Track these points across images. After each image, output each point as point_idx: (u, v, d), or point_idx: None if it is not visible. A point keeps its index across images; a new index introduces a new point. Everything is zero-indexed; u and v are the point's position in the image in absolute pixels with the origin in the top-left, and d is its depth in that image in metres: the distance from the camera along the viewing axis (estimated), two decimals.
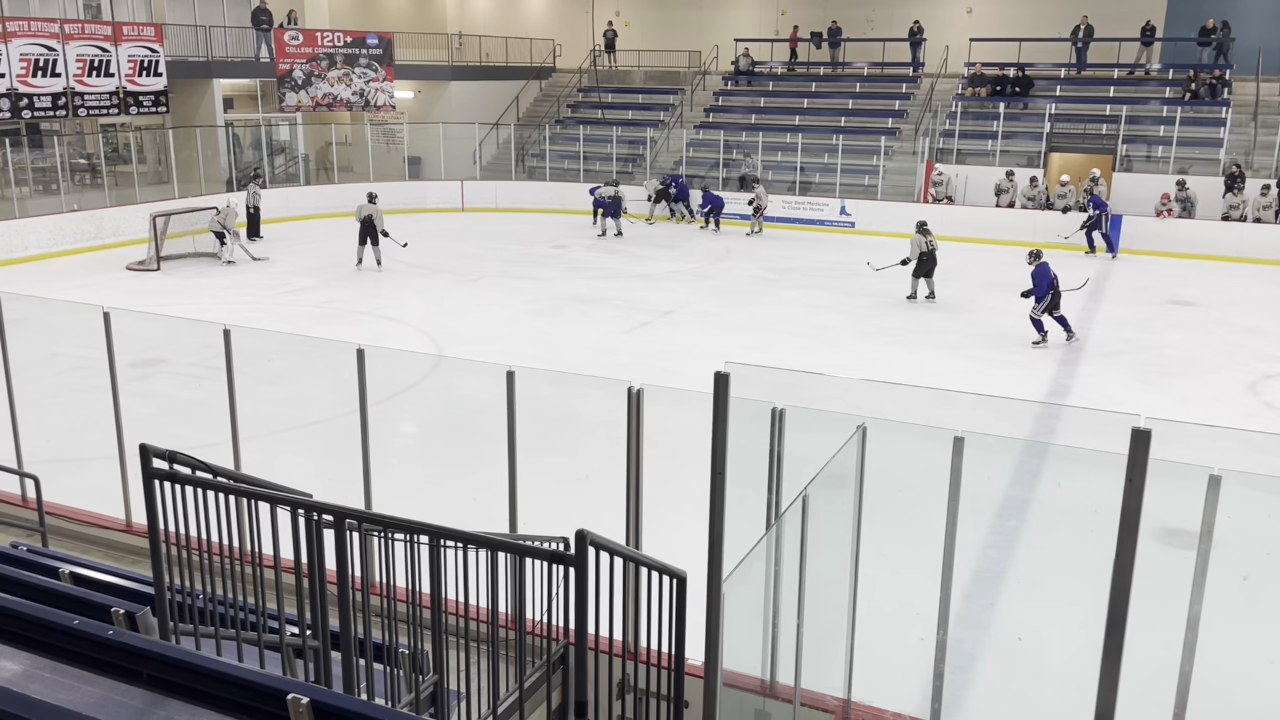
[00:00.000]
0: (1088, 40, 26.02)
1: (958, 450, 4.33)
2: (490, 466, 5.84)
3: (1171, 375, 12.50)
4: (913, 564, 5.56)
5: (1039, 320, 13.76)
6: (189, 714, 2.48)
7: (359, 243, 18.43)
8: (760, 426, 4.77)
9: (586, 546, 3.16)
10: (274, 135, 27.12)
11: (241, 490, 3.46)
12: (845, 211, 23.50)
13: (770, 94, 28.50)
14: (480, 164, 28.01)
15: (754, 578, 4.03)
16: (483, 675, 4.08)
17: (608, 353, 13.12)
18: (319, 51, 25.62)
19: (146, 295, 16.04)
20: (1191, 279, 18.46)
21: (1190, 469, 4.03)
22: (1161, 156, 22.80)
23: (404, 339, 13.70)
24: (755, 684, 4.63)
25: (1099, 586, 3.48)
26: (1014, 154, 23.96)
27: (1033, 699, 5.92)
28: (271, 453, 9.07)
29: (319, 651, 3.51)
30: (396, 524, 3.29)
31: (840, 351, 13.29)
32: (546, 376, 10.04)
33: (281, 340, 11.90)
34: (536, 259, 19.98)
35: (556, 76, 31.72)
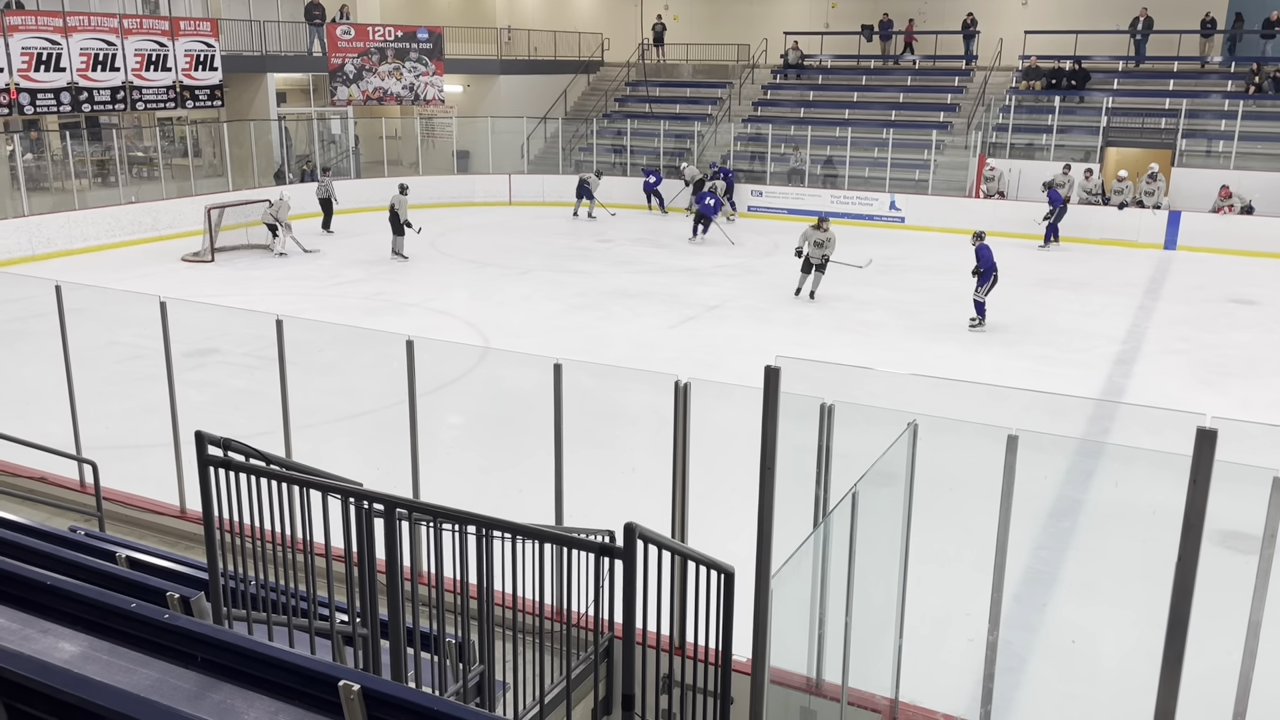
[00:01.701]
0: (1147, 33, 25.45)
1: (1011, 449, 4.25)
2: (536, 458, 5.86)
3: (1232, 376, 12.20)
4: (963, 564, 5.49)
5: (981, 303, 13.92)
6: (242, 698, 2.51)
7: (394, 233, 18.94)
8: (809, 423, 4.73)
9: (635, 539, 3.15)
10: (329, 129, 27.48)
11: (294, 478, 3.50)
12: (895, 206, 23.24)
13: (819, 87, 28.26)
14: (528, 158, 28.12)
15: (802, 574, 3.99)
16: (528, 667, 4.09)
17: (653, 347, 13.10)
18: (370, 46, 25.87)
19: (201, 286, 16.33)
20: (1253, 277, 17.99)
21: (1254, 471, 3.92)
22: (1222, 151, 22.25)
23: (451, 331, 13.80)
24: (801, 681, 4.59)
25: (1156, 590, 3.40)
26: (1069, 149, 23.52)
27: (1086, 703, 5.81)
28: (321, 442, 9.18)
29: (368, 639, 3.54)
30: (445, 514, 3.30)
31: (889, 348, 13.14)
32: (592, 369, 10.04)
33: (332, 331, 12.06)
34: (583, 253, 20.01)
35: (604, 70, 31.74)
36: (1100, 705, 5.70)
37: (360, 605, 3.58)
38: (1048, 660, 6.28)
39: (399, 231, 18.80)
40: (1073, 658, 6.31)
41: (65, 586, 2.63)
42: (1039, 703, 5.73)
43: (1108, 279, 17.73)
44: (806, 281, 15.84)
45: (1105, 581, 7.17)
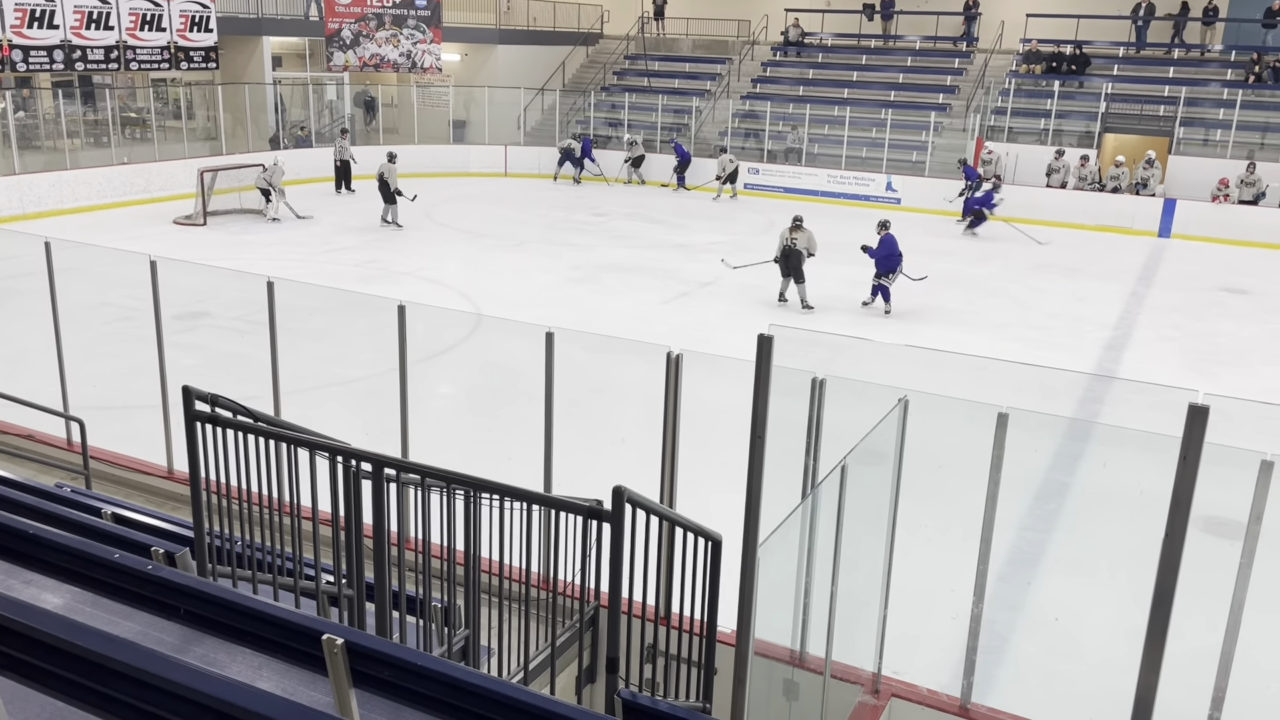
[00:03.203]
0: (1148, 19, 25.35)
1: (1001, 426, 4.26)
2: (526, 428, 5.85)
3: (1222, 364, 12.24)
4: (949, 540, 5.51)
5: (880, 286, 13.87)
6: (225, 651, 2.50)
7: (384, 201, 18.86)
8: (800, 399, 4.72)
9: (623, 503, 3.14)
10: (324, 93, 27.24)
11: (281, 435, 3.48)
12: (892, 188, 23.18)
13: (819, 66, 28.10)
14: (525, 129, 27.94)
15: (788, 547, 3.99)
16: (513, 632, 4.09)
17: (646, 322, 13.08)
18: (368, 11, 25.61)
19: (192, 249, 16.22)
20: (1247, 266, 18.02)
21: (1241, 454, 3.93)
22: (1219, 140, 22.22)
23: (444, 301, 13.74)
24: (785, 653, 4.61)
25: (1140, 570, 3.41)
26: (1067, 133, 23.46)
27: (1067, 680, 5.86)
28: (312, 408, 9.15)
29: (353, 600, 3.53)
30: (434, 474, 3.29)
31: (882, 328, 13.14)
32: (584, 341, 10.03)
33: (323, 296, 12.00)
34: (578, 226, 19.93)
35: (604, 43, 31.50)
36: (1082, 682, 5.74)
37: (346, 567, 3.58)
38: (1030, 638, 6.32)
39: (389, 199, 18.70)
40: (1055, 636, 6.36)
41: (48, 537, 2.62)
42: (1021, 679, 5.77)
43: (1101, 265, 17.74)
44: (790, 287, 14.27)
45: (1089, 561, 7.22)
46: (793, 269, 13.96)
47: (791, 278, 14.06)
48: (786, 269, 14.07)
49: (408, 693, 2.18)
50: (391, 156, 19.04)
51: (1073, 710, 4.84)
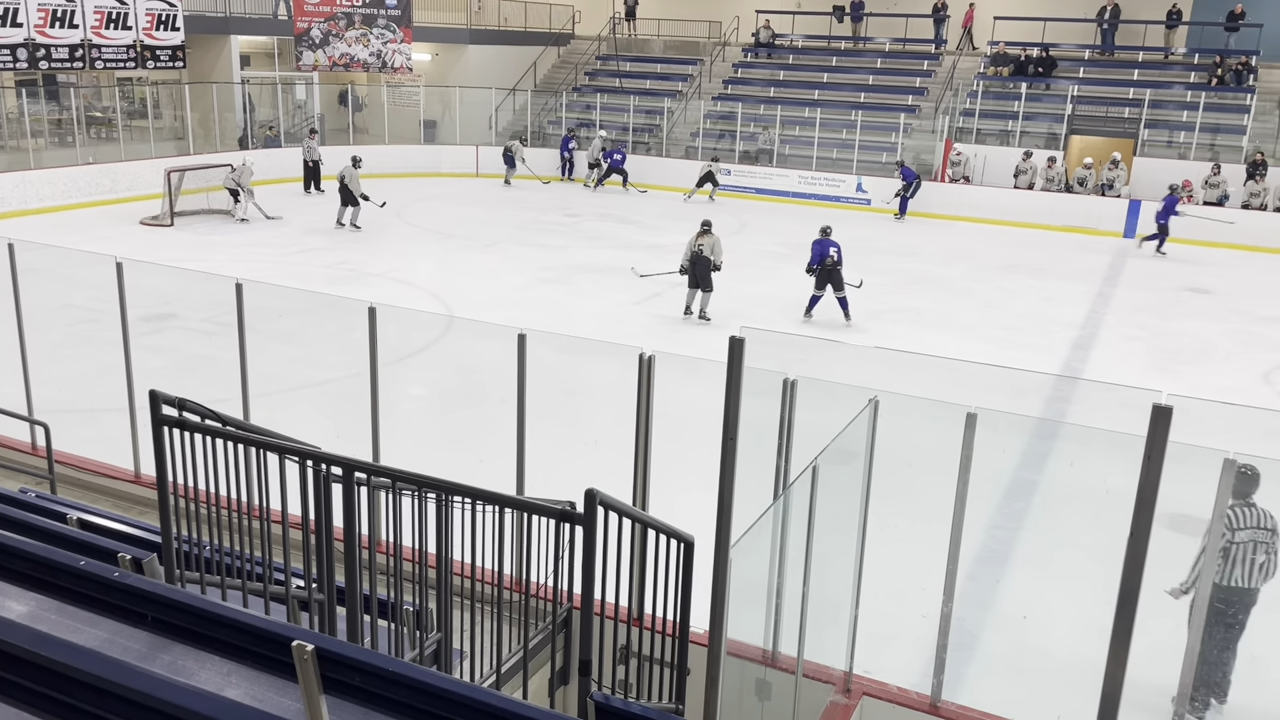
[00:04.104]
0: (1114, 22, 25.68)
1: (970, 426, 4.30)
2: (498, 431, 5.83)
3: (1185, 363, 12.42)
4: (919, 540, 5.55)
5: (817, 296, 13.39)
6: (193, 658, 2.48)
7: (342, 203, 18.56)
8: (772, 399, 4.75)
9: (596, 505, 3.14)
10: (292, 93, 27.02)
11: (250, 439, 3.45)
12: (862, 189, 23.32)
13: (790, 67, 28.23)
14: (496, 129, 27.85)
15: (760, 547, 4.01)
16: (486, 635, 4.08)
17: (619, 322, 13.08)
18: (337, 10, 25.43)
19: (159, 250, 16.03)
20: (1210, 267, 18.29)
21: (1205, 452, 4.00)
22: (1183, 142, 22.55)
23: (415, 302, 13.67)
24: (758, 653, 4.63)
25: (1107, 567, 3.46)
26: (1034, 135, 23.72)
27: (1035, 676, 5.92)
28: (281, 410, 9.06)
29: (324, 605, 3.51)
30: (404, 477, 3.28)
31: (854, 330, 13.22)
32: (557, 342, 10.01)
33: (293, 298, 11.90)
34: (550, 227, 19.89)
35: (575, 43, 31.47)
36: (1050, 679, 5.81)
37: (317, 571, 3.55)
38: (1000, 635, 6.39)
39: (348, 202, 18.34)
40: (1024, 633, 6.42)
41: (12, 544, 2.58)
42: (991, 676, 5.83)
43: (1068, 265, 17.95)
44: (695, 299, 13.29)
45: (1057, 559, 7.30)
46: (700, 277, 13.07)
47: (698, 287, 13.15)
48: (693, 278, 13.15)
49: (379, 699, 2.17)
50: (355, 161, 18.70)
51: (1041, 707, 4.89)
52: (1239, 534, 5.39)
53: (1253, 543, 5.38)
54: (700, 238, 13.19)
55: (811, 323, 13.45)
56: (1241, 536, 5.38)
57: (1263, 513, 5.42)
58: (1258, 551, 5.38)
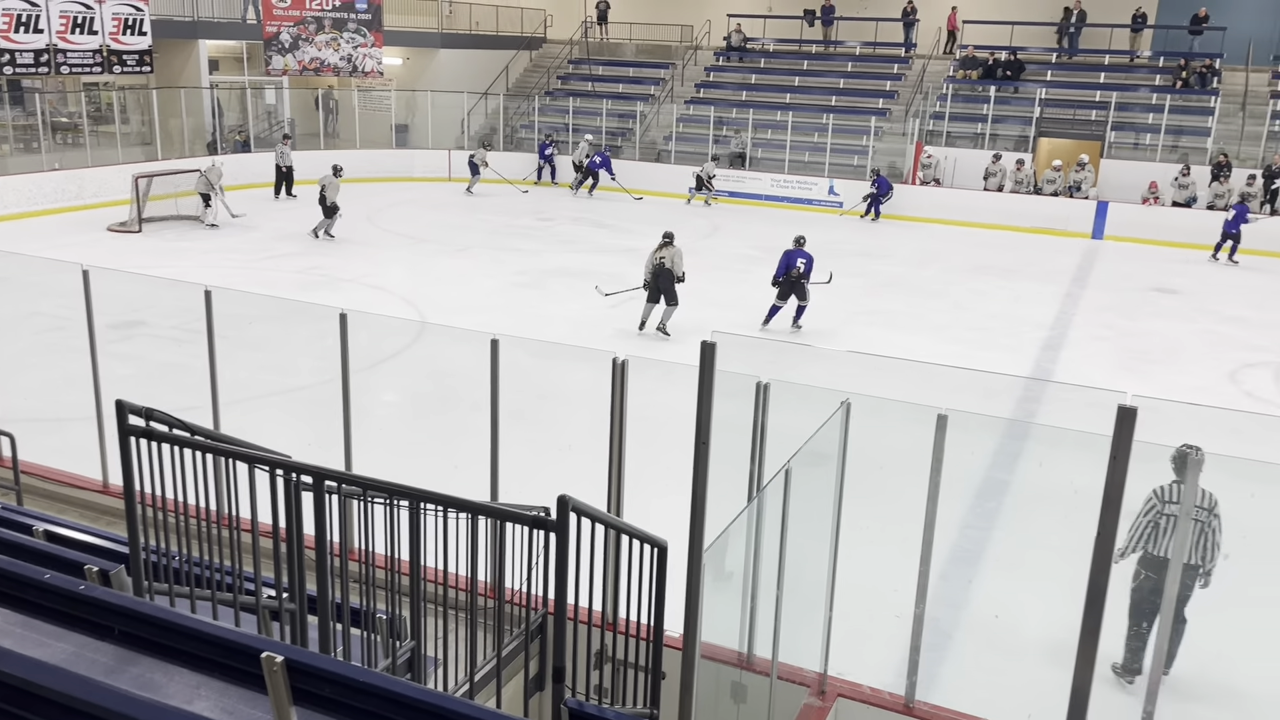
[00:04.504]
0: (1079, 26, 25.98)
1: (941, 428, 4.33)
2: (472, 436, 5.81)
3: (1153, 363, 12.57)
4: (892, 541, 5.58)
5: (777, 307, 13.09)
6: (162, 671, 2.45)
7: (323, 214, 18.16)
8: (745, 402, 4.76)
9: (568, 512, 3.14)
10: (261, 98, 26.82)
11: (219, 449, 3.42)
12: (834, 191, 23.45)
13: (762, 71, 28.35)
14: (468, 133, 27.78)
15: (734, 550, 4.02)
16: (461, 643, 4.07)
17: (593, 326, 13.07)
18: (307, 15, 25.28)
19: (127, 257, 15.85)
20: (1176, 267, 18.54)
21: (1171, 451, 4.05)
22: (1149, 144, 22.85)
23: (388, 308, 13.60)
24: (733, 656, 4.64)
25: (1077, 566, 3.50)
26: (1003, 138, 23.95)
27: (1007, 675, 5.97)
28: (251, 418, 8.99)
29: (295, 615, 3.48)
30: (376, 486, 3.26)
31: (826, 333, 13.28)
32: (531, 347, 10.00)
33: (263, 304, 11.80)
34: (523, 231, 19.86)
35: (547, 47, 31.44)
36: (1022, 677, 5.86)
37: (288, 580, 3.53)
38: (972, 635, 6.43)
39: (325, 213, 17.90)
40: (996, 632, 6.48)
41: None
42: (964, 676, 5.87)
43: (1037, 266, 18.13)
44: (653, 314, 12.75)
45: (1028, 558, 7.37)
46: (664, 290, 12.52)
47: (661, 300, 12.60)
48: (656, 292, 12.58)
49: (350, 709, 2.15)
50: (336, 170, 18.30)
51: (1013, 705, 4.93)
52: (1168, 507, 5.58)
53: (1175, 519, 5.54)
54: (661, 250, 12.66)
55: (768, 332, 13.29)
56: (1171, 510, 5.56)
57: (1203, 493, 5.59)
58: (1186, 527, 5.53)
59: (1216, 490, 5.51)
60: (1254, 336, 13.79)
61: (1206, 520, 5.54)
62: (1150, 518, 5.64)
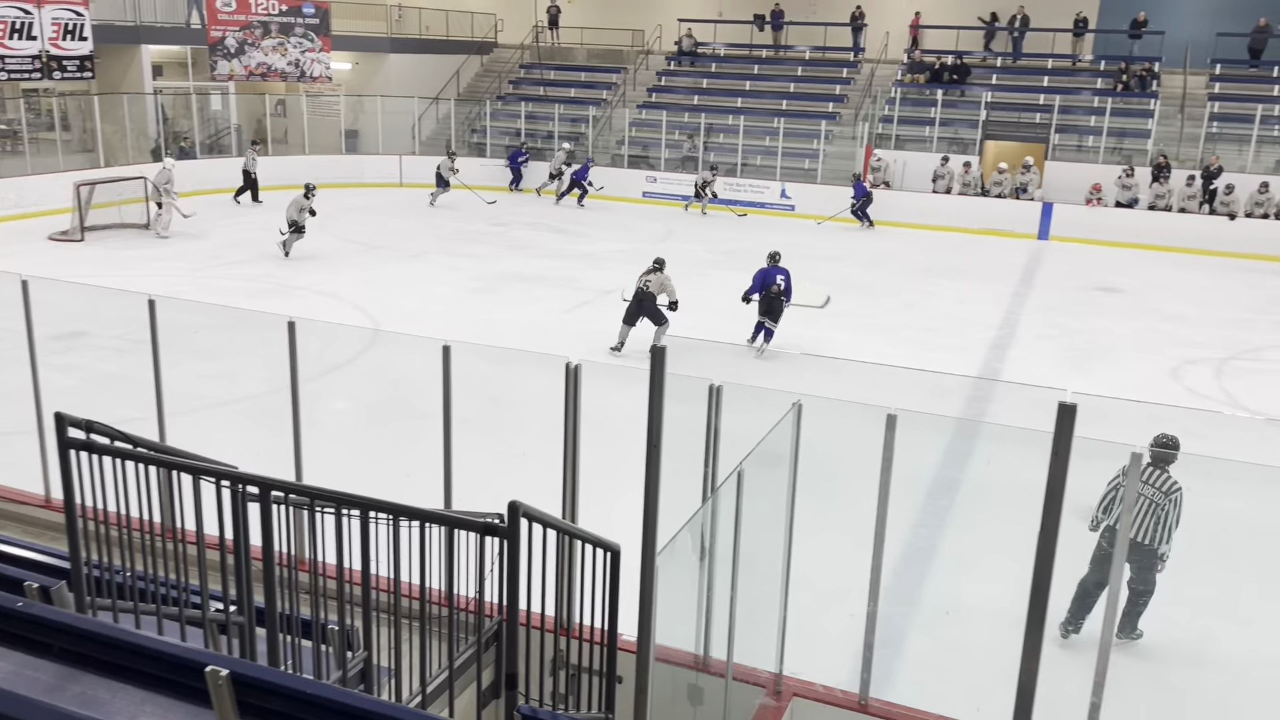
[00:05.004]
0: (1023, 30, 26.45)
1: (890, 427, 4.38)
2: (426, 444, 5.76)
3: (1097, 360, 12.82)
4: (845, 540, 5.63)
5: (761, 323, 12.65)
6: (105, 688, 2.41)
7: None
8: (698, 405, 4.78)
9: (519, 518, 3.13)
10: (207, 105, 26.42)
11: (162, 461, 3.36)
12: (786, 195, 23.63)
13: (713, 75, 28.50)
14: (419, 139, 27.59)
15: (689, 552, 4.04)
16: (414, 652, 4.03)
17: (549, 332, 13.04)
18: (253, 19, 24.95)
19: (69, 266, 15.53)
20: (1119, 266, 18.93)
21: (1113, 447, 4.14)
22: (1092, 146, 23.33)
23: (340, 315, 13.46)
24: (689, 658, 4.65)
25: (1024, 561, 3.56)
26: (951, 141, 24.30)
27: (958, 671, 6.05)
28: (199, 429, 8.84)
29: (243, 627, 3.43)
30: (324, 495, 3.22)
31: (780, 335, 13.36)
32: (485, 353, 9.94)
33: (210, 313, 11.62)
34: (476, 236, 19.76)
35: (498, 52, 31.33)
36: (972, 672, 5.94)
37: (236, 593, 3.47)
38: (925, 632, 6.51)
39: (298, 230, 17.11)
40: (947, 629, 6.56)
41: None
42: (917, 672, 5.94)
43: (985, 267, 18.42)
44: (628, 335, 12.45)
45: (977, 555, 7.48)
46: (646, 313, 12.25)
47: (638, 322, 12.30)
48: (633, 315, 12.29)
49: None
50: (309, 189, 17.36)
51: (965, 699, 5.00)
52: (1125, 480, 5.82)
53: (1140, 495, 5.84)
54: (648, 275, 12.42)
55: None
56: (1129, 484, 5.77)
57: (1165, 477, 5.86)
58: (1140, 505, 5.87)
59: None
60: (1194, 334, 14.13)
61: (1160, 502, 5.76)
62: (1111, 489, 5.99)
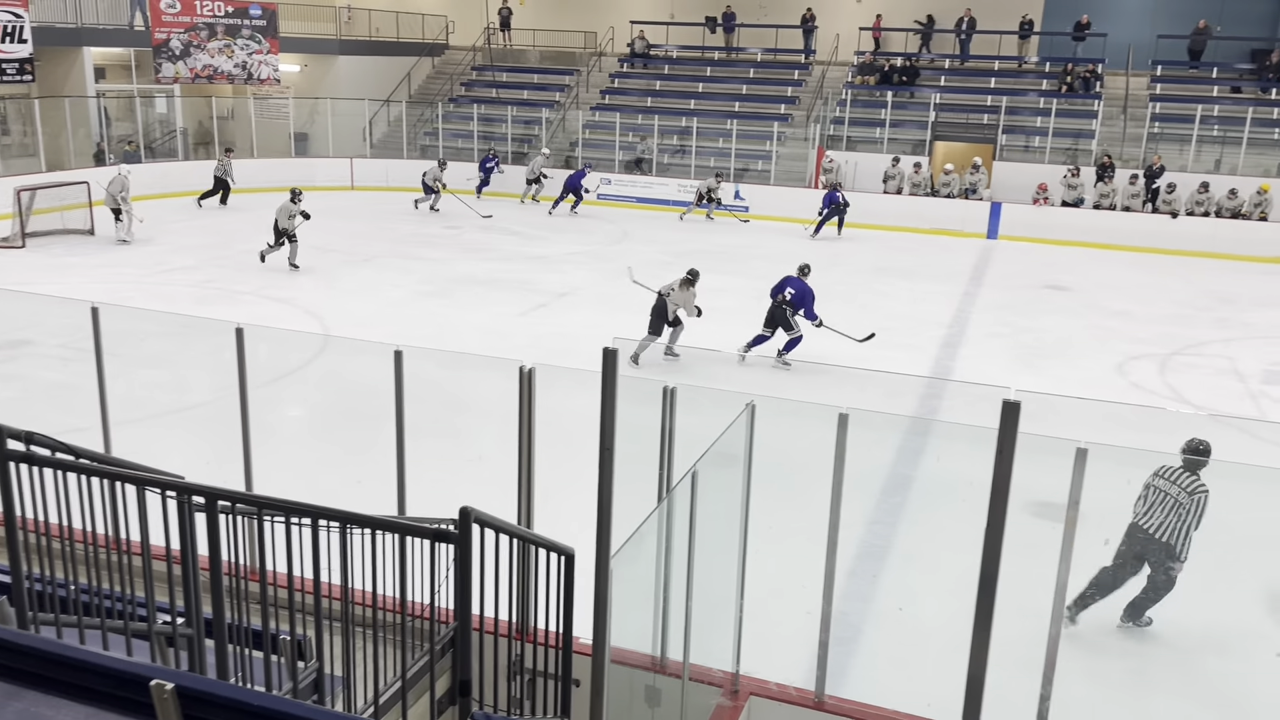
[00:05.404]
0: (970, 33, 26.86)
1: (842, 426, 4.43)
2: (380, 450, 5.72)
3: (1046, 357, 13.05)
4: (800, 539, 5.68)
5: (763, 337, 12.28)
6: (48, 705, 2.36)
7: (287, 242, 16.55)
8: (653, 406, 4.79)
9: (470, 524, 3.11)
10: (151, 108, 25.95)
11: (105, 472, 3.30)
12: (739, 196, 23.75)
13: (665, 77, 28.57)
14: (371, 141, 27.34)
15: (644, 555, 4.04)
16: (369, 662, 3.99)
17: (503, 335, 12.98)
18: (198, 21, 24.56)
19: (10, 274, 15.16)
20: (1066, 265, 19.29)
21: (1060, 443, 4.21)
22: (1039, 146, 23.74)
23: (291, 320, 13.29)
24: (646, 660, 4.66)
25: (971, 557, 3.62)
26: (901, 142, 24.59)
27: (911, 666, 6.12)
28: (146, 438, 8.69)
29: (192, 640, 3.38)
30: (273, 504, 3.18)
31: (736, 334, 13.41)
32: (438, 358, 9.88)
33: (156, 320, 11.42)
34: (430, 239, 19.63)
35: (450, 54, 31.15)
36: (924, 667, 6.01)
37: (184, 604, 3.42)
38: (879, 628, 6.58)
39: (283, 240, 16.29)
40: (900, 625, 6.64)
41: None
42: (873, 669, 6.00)
43: (936, 267, 18.66)
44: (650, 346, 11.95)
45: (929, 551, 7.58)
46: (668, 321, 12.00)
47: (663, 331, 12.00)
48: (655, 323, 11.96)
49: None
50: (295, 195, 16.39)
51: (919, 695, 5.06)
52: (1157, 480, 6.09)
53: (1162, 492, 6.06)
54: (672, 284, 12.12)
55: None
56: (1157, 483, 6.08)
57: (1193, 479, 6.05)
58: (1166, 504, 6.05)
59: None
60: (1138, 330, 14.43)
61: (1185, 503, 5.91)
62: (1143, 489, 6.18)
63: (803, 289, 12.31)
